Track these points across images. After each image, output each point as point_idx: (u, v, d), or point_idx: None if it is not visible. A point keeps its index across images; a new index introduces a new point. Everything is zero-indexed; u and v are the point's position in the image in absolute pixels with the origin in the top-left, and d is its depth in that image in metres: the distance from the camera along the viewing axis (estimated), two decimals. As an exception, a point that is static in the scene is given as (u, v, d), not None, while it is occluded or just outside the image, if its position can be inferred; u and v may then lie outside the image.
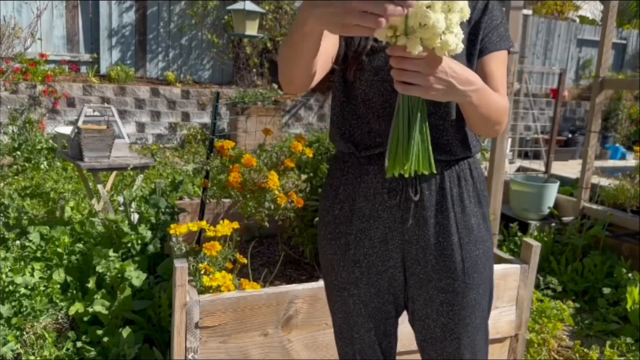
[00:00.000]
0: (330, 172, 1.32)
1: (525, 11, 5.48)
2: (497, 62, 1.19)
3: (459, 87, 0.97)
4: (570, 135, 8.10)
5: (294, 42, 1.00)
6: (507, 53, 1.22)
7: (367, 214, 1.22)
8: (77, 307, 2.31)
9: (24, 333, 2.26)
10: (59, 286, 2.48)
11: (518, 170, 5.32)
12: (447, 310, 1.23)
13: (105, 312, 2.28)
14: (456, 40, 0.90)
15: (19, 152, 5.66)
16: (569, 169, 5.67)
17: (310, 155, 2.45)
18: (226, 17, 8.05)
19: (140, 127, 7.49)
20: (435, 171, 1.04)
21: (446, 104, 1.17)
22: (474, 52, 1.18)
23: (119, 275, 2.42)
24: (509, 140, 5.21)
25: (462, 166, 1.22)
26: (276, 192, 2.20)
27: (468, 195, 1.22)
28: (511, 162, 5.67)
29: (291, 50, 1.03)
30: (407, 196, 1.18)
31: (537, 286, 3.14)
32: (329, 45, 1.13)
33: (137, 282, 2.39)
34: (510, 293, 2.11)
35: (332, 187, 1.28)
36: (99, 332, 2.24)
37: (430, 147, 1.03)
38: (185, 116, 7.70)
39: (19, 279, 2.37)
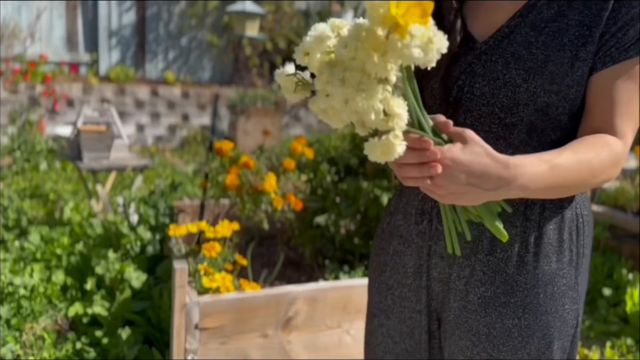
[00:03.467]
0: None
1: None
2: (622, 78, 0.82)
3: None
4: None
5: None
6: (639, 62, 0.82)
7: (403, 235, 1.02)
8: (76, 308, 2.30)
9: (24, 334, 2.25)
10: (58, 287, 2.47)
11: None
12: None
13: (104, 313, 2.27)
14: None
15: (18, 153, 5.65)
16: (568, 170, 5.65)
17: (310, 157, 2.45)
18: (226, 17, 8.05)
19: (140, 128, 7.49)
20: (459, 254, 0.87)
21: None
22: (585, 56, 0.82)
23: (119, 277, 2.42)
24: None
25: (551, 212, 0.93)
26: (272, 194, 2.20)
27: (526, 246, 0.92)
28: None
29: None
30: (437, 223, 0.95)
31: (537, 287, 3.14)
32: None
33: (136, 283, 2.38)
34: (510, 294, 2.11)
35: (394, 196, 1.12)
36: (99, 333, 2.24)
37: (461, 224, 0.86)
38: (185, 117, 7.70)
39: (18, 280, 2.37)
